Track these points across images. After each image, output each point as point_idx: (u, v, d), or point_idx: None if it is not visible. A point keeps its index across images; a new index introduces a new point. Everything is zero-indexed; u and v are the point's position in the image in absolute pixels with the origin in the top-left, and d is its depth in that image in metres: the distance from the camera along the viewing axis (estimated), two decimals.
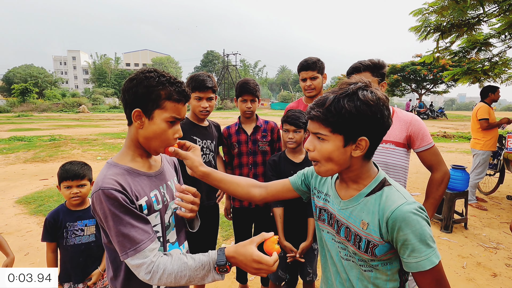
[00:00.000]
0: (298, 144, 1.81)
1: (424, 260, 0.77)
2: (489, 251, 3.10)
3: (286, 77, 78.15)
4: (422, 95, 29.67)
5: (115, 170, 0.94)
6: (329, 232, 1.00)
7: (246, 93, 2.02)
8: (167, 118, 0.95)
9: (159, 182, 1.06)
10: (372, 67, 1.62)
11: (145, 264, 0.87)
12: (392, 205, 0.81)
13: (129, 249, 0.87)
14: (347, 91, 0.81)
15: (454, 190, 3.55)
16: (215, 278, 0.90)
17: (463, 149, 9.48)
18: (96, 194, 0.87)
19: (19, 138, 10.60)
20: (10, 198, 4.65)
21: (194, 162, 1.04)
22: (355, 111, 0.78)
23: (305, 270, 1.90)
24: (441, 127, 17.02)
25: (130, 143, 1.01)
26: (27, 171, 6.36)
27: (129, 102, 0.95)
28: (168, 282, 0.88)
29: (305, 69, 2.04)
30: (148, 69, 0.96)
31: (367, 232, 0.85)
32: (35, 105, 33.69)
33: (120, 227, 0.86)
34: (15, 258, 1.79)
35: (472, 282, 2.56)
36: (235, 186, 1.10)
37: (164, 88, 0.93)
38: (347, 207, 0.91)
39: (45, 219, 1.68)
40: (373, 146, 0.85)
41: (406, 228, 0.78)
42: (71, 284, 1.68)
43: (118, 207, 0.86)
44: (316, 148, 0.87)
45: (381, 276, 0.88)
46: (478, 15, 4.85)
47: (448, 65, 21.11)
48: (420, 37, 5.41)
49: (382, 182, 0.89)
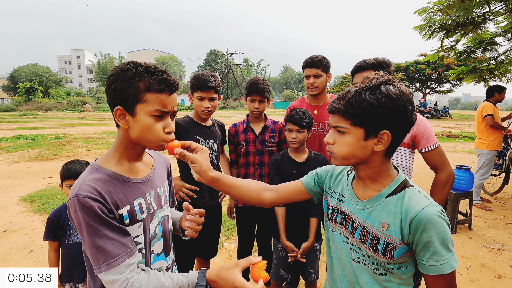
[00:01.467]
0: (301, 143, 1.80)
1: (444, 264, 0.77)
2: (493, 252, 3.06)
3: (289, 76, 77.96)
4: (426, 95, 29.45)
5: (96, 175, 0.87)
6: (340, 233, 0.97)
7: (255, 93, 1.99)
8: (151, 112, 0.86)
9: (145, 189, 0.97)
10: (376, 66, 1.60)
11: (118, 281, 0.81)
12: (417, 206, 0.80)
13: (103, 263, 0.80)
14: (369, 85, 0.80)
15: (458, 190, 3.51)
16: None
17: (468, 149, 9.39)
18: (71, 201, 0.80)
19: (24, 137, 10.70)
20: (15, 196, 4.69)
21: (202, 166, 0.94)
22: (376, 104, 0.77)
23: (307, 270, 1.89)
24: (445, 126, 16.87)
25: (118, 145, 0.93)
26: (32, 169, 6.41)
27: (111, 102, 0.88)
28: None
29: (309, 66, 2.02)
30: (125, 62, 0.88)
31: (386, 233, 0.83)
32: (40, 104, 33.98)
33: (95, 238, 0.80)
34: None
35: (476, 283, 2.53)
36: (245, 190, 1.04)
37: (143, 79, 0.84)
38: (365, 208, 0.89)
39: (48, 218, 1.68)
40: (396, 142, 0.83)
41: (431, 230, 0.77)
42: (72, 284, 1.68)
43: (93, 217, 0.80)
44: (336, 141, 0.86)
45: (394, 280, 0.86)
46: (484, 13, 4.78)
47: (453, 64, 20.92)
48: (424, 36, 5.36)
49: (403, 183, 0.87)
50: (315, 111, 2.11)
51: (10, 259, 2.85)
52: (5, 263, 2.80)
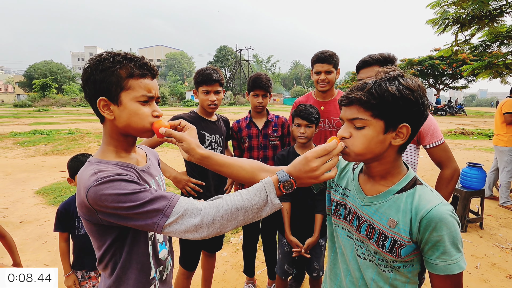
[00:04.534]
0: (309, 139, 1.80)
1: (453, 264, 0.75)
2: (505, 252, 3.00)
3: (299, 72, 77.30)
4: (440, 91, 28.70)
5: (104, 165, 0.84)
6: (344, 228, 0.96)
7: (258, 88, 2.02)
8: (137, 98, 0.85)
9: (148, 178, 0.97)
10: (382, 61, 1.59)
11: (189, 209, 0.78)
12: (428, 205, 0.78)
13: (164, 207, 0.77)
14: (386, 76, 0.78)
15: (469, 188, 3.44)
16: (274, 204, 0.79)
17: (482, 147, 9.14)
18: (94, 190, 0.76)
19: (39, 132, 11.01)
20: (30, 188, 4.86)
21: (191, 144, 0.90)
22: (398, 94, 0.74)
23: (311, 266, 1.90)
24: (459, 123, 16.45)
25: (109, 139, 0.91)
26: (46, 163, 6.61)
27: (91, 95, 0.85)
28: (224, 221, 0.78)
29: (320, 61, 1.99)
30: (100, 53, 0.86)
31: (394, 231, 0.81)
32: (54, 100, 34.85)
33: (142, 199, 0.76)
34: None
35: (485, 283, 2.49)
36: (239, 169, 0.95)
37: (123, 66, 0.83)
38: (372, 204, 0.87)
39: (57, 210, 1.73)
40: (412, 136, 0.80)
41: (442, 229, 0.75)
42: (83, 272, 1.74)
43: (129, 183, 0.78)
44: (352, 135, 0.81)
45: (400, 278, 0.85)
46: (500, 6, 4.62)
47: (469, 59, 20.28)
48: (438, 30, 5.23)
49: (413, 180, 0.85)
50: (322, 107, 2.10)
51: (25, 249, 2.97)
52: (21, 253, 2.90)
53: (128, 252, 0.89)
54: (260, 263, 2.73)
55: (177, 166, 6.60)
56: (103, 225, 0.82)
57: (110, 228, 0.84)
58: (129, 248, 0.89)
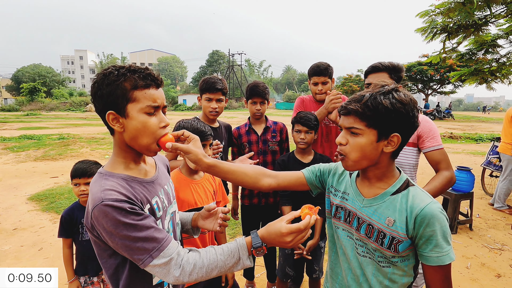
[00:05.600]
0: (309, 144, 1.87)
1: (445, 255, 0.84)
2: (493, 252, 3.12)
3: (291, 77, 77.97)
4: (428, 96, 29.39)
5: (113, 180, 0.86)
6: (344, 230, 1.03)
7: (256, 95, 2.10)
8: (143, 109, 0.86)
9: (157, 188, 0.99)
10: (391, 69, 1.69)
11: (173, 259, 0.83)
12: (421, 203, 0.86)
13: (153, 249, 0.81)
14: (381, 90, 0.86)
15: (459, 191, 3.57)
16: (245, 264, 0.87)
17: (470, 150, 9.41)
18: (99, 208, 0.79)
19: (29, 137, 10.83)
20: (23, 195, 4.78)
21: (197, 155, 0.96)
22: (391, 107, 0.83)
23: (311, 268, 1.96)
24: (447, 128, 16.88)
25: (118, 150, 0.93)
26: (38, 169, 6.51)
27: (100, 109, 0.87)
28: (198, 277, 0.84)
29: (317, 74, 2.12)
30: (107, 67, 0.88)
31: (392, 228, 0.89)
32: (43, 104, 34.28)
33: (136, 233, 0.80)
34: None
35: (476, 282, 2.59)
36: (243, 176, 1.06)
37: (127, 78, 0.84)
38: (371, 205, 0.94)
39: (61, 216, 1.75)
40: (402, 144, 0.90)
41: (434, 224, 0.84)
42: (86, 277, 1.75)
43: (127, 214, 0.80)
44: (349, 142, 0.90)
45: (398, 272, 0.93)
46: (485, 16, 4.83)
47: (456, 65, 20.90)
48: (426, 38, 5.40)
49: (406, 182, 0.93)
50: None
51: (21, 256, 2.94)
52: (17, 260, 2.88)
53: (131, 264, 0.89)
54: (259, 267, 2.77)
55: None
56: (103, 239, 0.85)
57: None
58: (132, 262, 0.88)
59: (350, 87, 33.60)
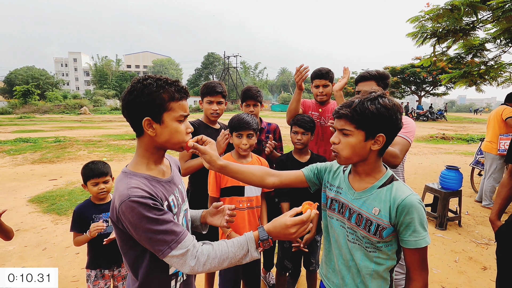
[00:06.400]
0: (305, 145, 2.00)
1: (421, 239, 0.98)
2: (480, 246, 3.28)
3: (287, 79, 78.40)
4: (421, 97, 29.88)
5: (136, 178, 0.96)
6: (338, 220, 1.16)
7: (249, 98, 2.27)
8: (177, 118, 0.99)
9: (173, 187, 1.09)
10: (377, 77, 1.85)
11: (190, 251, 0.92)
12: (403, 195, 1.00)
13: (172, 241, 0.91)
14: (369, 97, 1.00)
15: (448, 189, 3.73)
16: (253, 256, 0.97)
17: (461, 151, 9.66)
18: (126, 204, 0.89)
19: (24, 140, 10.78)
20: (22, 197, 4.83)
21: (212, 156, 1.12)
22: (376, 112, 0.97)
23: (308, 261, 2.08)
24: (440, 128, 17.21)
25: (144, 152, 1.03)
26: (36, 171, 6.54)
27: (135, 115, 0.97)
28: (212, 267, 0.94)
29: (319, 77, 2.29)
30: (143, 77, 0.98)
31: (378, 217, 1.02)
32: (36, 107, 33.91)
33: (158, 226, 0.90)
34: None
35: (463, 274, 2.74)
36: (250, 175, 1.22)
37: (165, 91, 0.96)
38: (360, 197, 1.08)
39: (74, 211, 1.86)
40: (387, 143, 1.03)
41: (413, 212, 0.97)
42: (98, 270, 1.85)
43: (151, 209, 0.90)
44: (341, 141, 1.04)
45: (382, 256, 1.07)
46: (472, 22, 5.04)
47: (448, 68, 21.32)
48: (417, 42, 5.60)
49: (391, 177, 1.08)
50: (320, 109, 2.41)
51: (26, 256, 3.01)
52: (22, 260, 2.95)
53: (151, 256, 0.99)
54: None
55: None
56: (126, 231, 0.95)
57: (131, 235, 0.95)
58: (152, 253, 0.98)
59: (345, 89, 34.03)
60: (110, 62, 56.29)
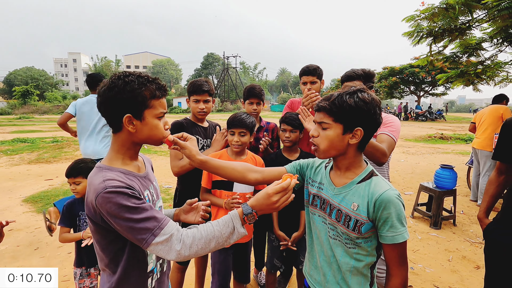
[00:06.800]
0: (294, 143, 1.99)
1: (399, 235, 0.97)
2: (474, 246, 3.27)
3: (286, 79, 78.43)
4: (420, 97, 29.87)
5: (113, 172, 0.96)
6: (320, 216, 1.16)
7: (252, 96, 2.27)
8: (157, 115, 1.00)
9: (148, 183, 1.10)
10: (363, 76, 1.85)
11: (174, 235, 0.91)
12: (380, 190, 1.00)
13: (154, 228, 0.90)
14: (348, 91, 1.01)
15: (442, 188, 3.72)
16: (239, 232, 0.95)
17: (459, 150, 9.65)
18: (102, 195, 0.87)
19: (22, 140, 10.78)
20: (17, 197, 4.82)
21: (192, 151, 1.15)
22: (354, 105, 0.97)
23: (298, 260, 2.07)
24: (438, 128, 17.20)
25: (119, 147, 1.02)
26: (32, 171, 6.53)
27: (114, 111, 0.96)
28: (198, 249, 0.92)
29: (306, 74, 2.26)
30: (123, 73, 0.98)
31: (356, 212, 1.02)
32: (36, 107, 33.88)
33: (138, 215, 0.89)
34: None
35: (456, 273, 2.73)
36: (231, 171, 1.21)
37: (147, 88, 0.97)
38: (340, 193, 1.08)
39: (63, 206, 1.87)
40: (366, 138, 1.03)
41: (390, 208, 0.97)
42: (83, 268, 1.84)
43: (130, 198, 0.89)
44: (320, 134, 1.04)
45: (362, 252, 1.06)
46: (468, 21, 5.03)
47: (446, 67, 21.31)
48: (413, 42, 5.59)
49: (371, 173, 1.07)
50: (310, 108, 2.35)
51: (18, 256, 3.00)
52: (14, 259, 2.94)
53: (130, 250, 0.99)
54: None
55: (167, 172, 6.55)
56: (103, 226, 0.94)
57: (110, 229, 0.95)
58: (131, 247, 1.00)
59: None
60: (109, 62, 56.21)
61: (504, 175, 1.63)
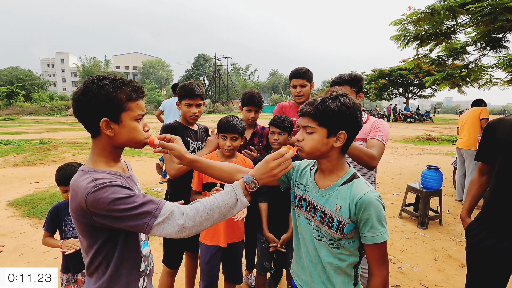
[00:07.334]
0: (282, 145, 2.00)
1: (379, 235, 1.00)
2: (459, 244, 3.35)
3: (278, 81, 78.72)
4: (409, 99, 30.45)
5: (99, 173, 0.95)
6: (305, 217, 1.18)
7: (252, 105, 2.28)
8: (135, 117, 0.99)
9: (133, 184, 1.09)
10: (350, 81, 1.88)
11: (175, 211, 0.91)
12: (361, 192, 1.03)
13: (154, 209, 0.89)
14: (331, 96, 1.04)
15: (429, 188, 3.81)
16: (242, 202, 0.98)
17: (446, 151, 9.88)
18: (92, 194, 0.87)
19: (7, 142, 10.48)
20: (2, 201, 4.68)
21: (180, 151, 1.15)
22: (337, 110, 1.01)
23: (287, 261, 2.08)
24: (426, 130, 17.57)
25: (101, 151, 1.01)
26: (17, 174, 6.35)
27: (90, 116, 0.95)
28: (202, 220, 0.93)
29: (296, 77, 2.28)
30: (97, 77, 0.96)
31: (339, 214, 1.05)
32: (21, 108, 32.99)
33: (133, 203, 0.88)
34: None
35: (442, 272, 2.79)
36: (220, 171, 1.21)
37: (122, 91, 0.96)
38: (324, 195, 1.11)
39: (49, 211, 1.83)
40: (349, 140, 1.07)
41: (370, 209, 1.00)
42: (69, 274, 1.81)
43: (121, 189, 0.90)
44: (305, 138, 1.07)
45: (345, 252, 1.09)
46: (453, 25, 5.17)
47: (433, 70, 21.76)
48: (400, 45, 5.71)
49: (353, 175, 1.10)
50: None
51: (2, 262, 2.91)
52: None
53: (121, 250, 1.00)
54: None
55: (157, 174, 6.44)
56: (95, 226, 0.93)
57: (101, 229, 0.95)
58: (122, 246, 1.00)
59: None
60: (98, 63, 55.25)
61: (486, 175, 1.68)
